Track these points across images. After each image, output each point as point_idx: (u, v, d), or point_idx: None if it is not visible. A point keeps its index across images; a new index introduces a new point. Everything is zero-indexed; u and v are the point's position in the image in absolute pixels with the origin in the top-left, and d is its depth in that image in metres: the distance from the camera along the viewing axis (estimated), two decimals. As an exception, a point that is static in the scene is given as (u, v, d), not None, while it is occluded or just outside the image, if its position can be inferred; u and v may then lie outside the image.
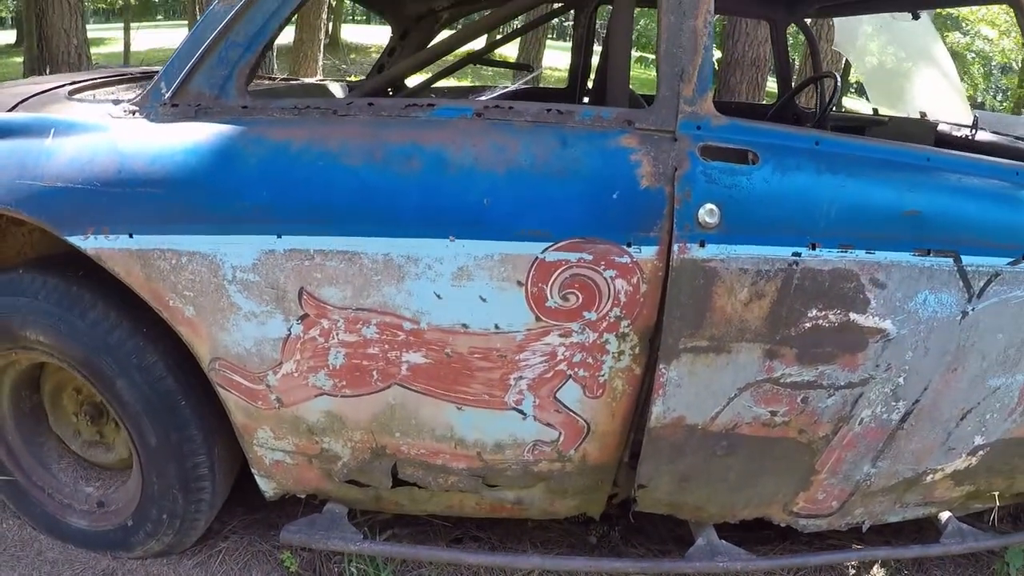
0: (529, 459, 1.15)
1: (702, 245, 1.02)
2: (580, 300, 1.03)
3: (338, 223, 1.01)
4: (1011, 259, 1.14)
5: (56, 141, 1.14)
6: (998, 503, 1.45)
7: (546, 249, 1.00)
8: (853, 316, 1.08)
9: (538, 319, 1.04)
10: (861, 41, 2.34)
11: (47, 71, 6.59)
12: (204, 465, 1.26)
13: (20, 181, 1.12)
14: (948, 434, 1.25)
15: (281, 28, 1.15)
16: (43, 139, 1.15)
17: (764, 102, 2.98)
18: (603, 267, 1.02)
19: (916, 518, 1.41)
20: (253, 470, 1.24)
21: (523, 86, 2.29)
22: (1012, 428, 1.30)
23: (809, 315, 1.07)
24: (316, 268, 1.03)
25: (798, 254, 1.05)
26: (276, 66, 4.57)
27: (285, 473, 1.22)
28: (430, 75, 1.82)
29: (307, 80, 2.22)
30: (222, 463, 1.31)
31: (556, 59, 10.62)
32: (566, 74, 2.39)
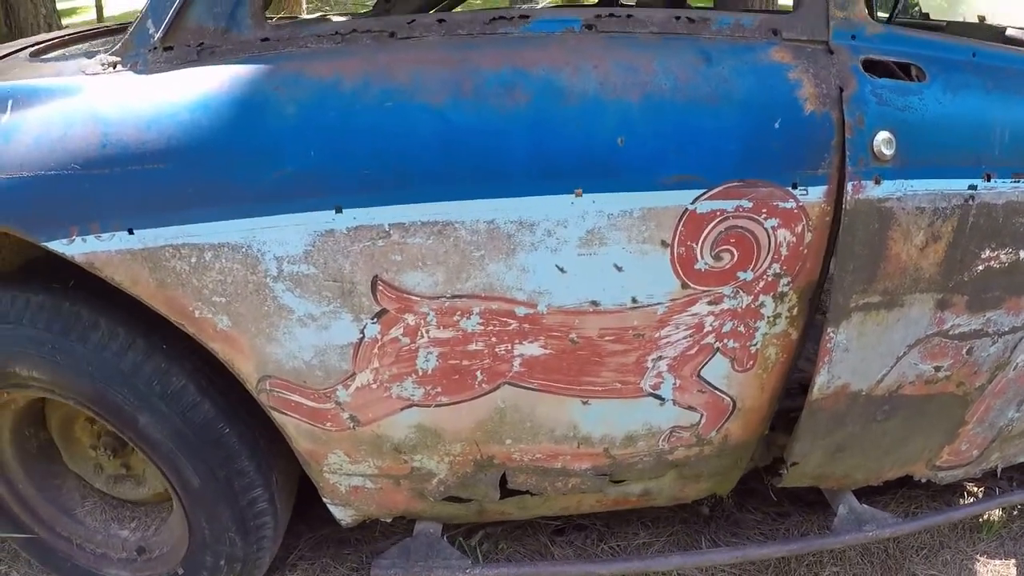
0: (664, 448, 0.90)
1: (877, 182, 0.76)
2: (735, 258, 0.76)
3: (420, 185, 0.70)
4: None
5: (16, 115, 0.77)
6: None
7: (698, 198, 0.72)
8: (1023, 255, 0.84)
9: (684, 286, 0.77)
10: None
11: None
12: (263, 499, 0.96)
13: None
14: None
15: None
16: (29, 112, 0.77)
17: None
18: (764, 215, 0.74)
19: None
20: (325, 499, 0.95)
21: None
22: None
23: (982, 256, 0.83)
24: (394, 248, 0.72)
25: (974, 187, 0.79)
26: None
27: (366, 498, 0.94)
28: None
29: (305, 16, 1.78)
30: (282, 491, 1.01)
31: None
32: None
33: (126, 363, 0.85)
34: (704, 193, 0.72)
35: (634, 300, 0.77)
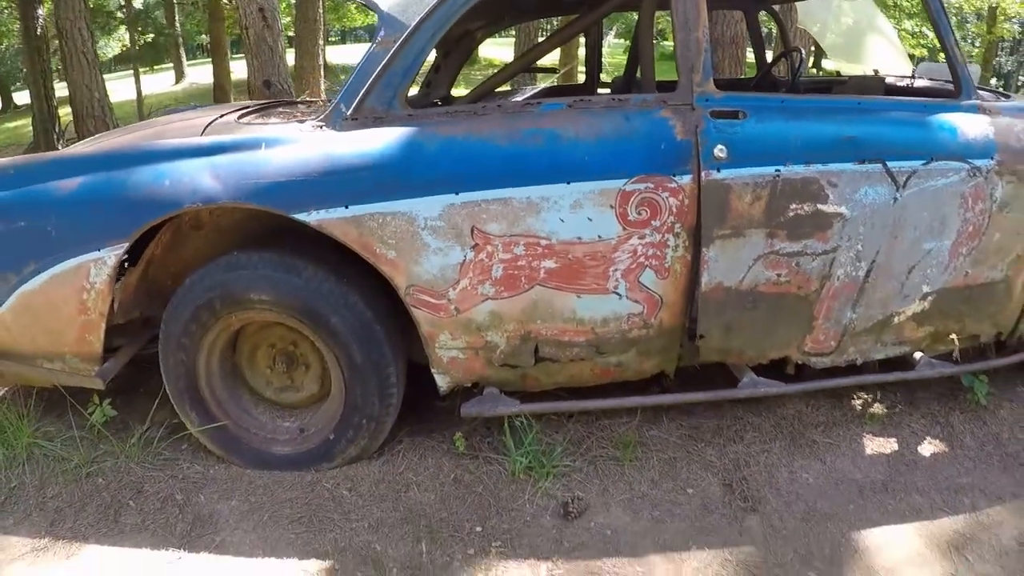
0: (625, 328, 2.20)
1: (718, 171, 2.10)
2: (648, 214, 2.10)
3: (495, 181, 2.03)
4: (923, 161, 2.26)
5: (268, 151, 2.17)
6: (957, 344, 2.58)
7: (625, 183, 2.06)
8: (819, 206, 2.18)
9: (624, 229, 2.10)
10: (831, 15, 3.51)
11: (59, 127, 8.03)
12: (393, 375, 2.27)
13: (244, 182, 2.11)
14: (901, 284, 2.36)
15: (424, 59, 2.23)
16: (255, 151, 2.18)
17: (747, 75, 4.21)
18: (660, 191, 2.09)
19: (895, 356, 2.52)
20: (433, 369, 2.25)
21: (547, 85, 3.46)
22: (949, 279, 2.40)
23: (791, 207, 2.16)
24: (482, 211, 2.06)
25: (779, 171, 2.15)
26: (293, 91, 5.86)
27: (457, 366, 2.25)
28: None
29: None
30: (402, 373, 2.34)
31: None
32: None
33: (325, 288, 2.18)
34: (629, 180, 2.03)
35: (599, 237, 2.07)
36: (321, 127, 2.20)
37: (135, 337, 2.63)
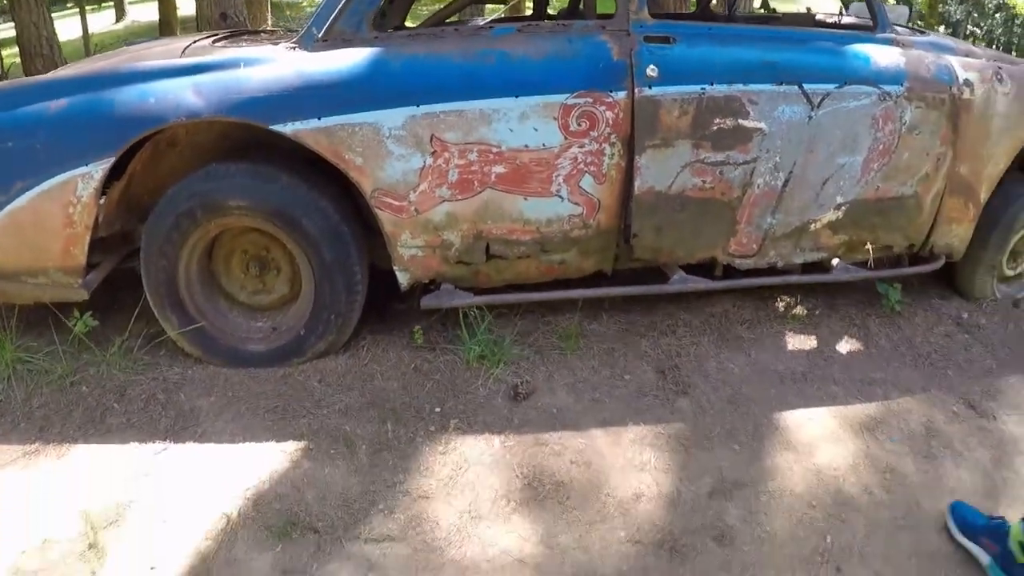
0: (567, 228, 2.68)
1: (650, 88, 2.57)
2: (587, 125, 2.56)
3: (452, 95, 2.49)
4: (837, 85, 2.74)
5: (247, 69, 2.58)
6: (872, 252, 3.08)
7: (567, 98, 2.53)
8: (741, 121, 2.66)
9: (565, 139, 2.57)
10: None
11: (2, 68, 8.37)
12: (358, 273, 2.73)
13: (226, 97, 2.54)
14: (817, 194, 2.86)
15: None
16: (236, 69, 2.59)
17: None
18: (598, 105, 2.55)
19: (814, 261, 3.03)
20: (395, 267, 2.72)
21: (496, 16, 3.88)
22: (861, 192, 2.91)
23: (715, 122, 2.64)
24: (440, 122, 2.51)
25: (704, 89, 2.62)
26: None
27: (417, 264, 2.72)
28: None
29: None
30: (365, 273, 2.79)
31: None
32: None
33: (298, 194, 2.62)
34: (570, 95, 2.51)
35: (544, 145, 2.55)
36: (295, 48, 2.63)
37: (113, 253, 3.00)
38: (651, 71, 2.57)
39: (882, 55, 2.81)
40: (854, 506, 2.38)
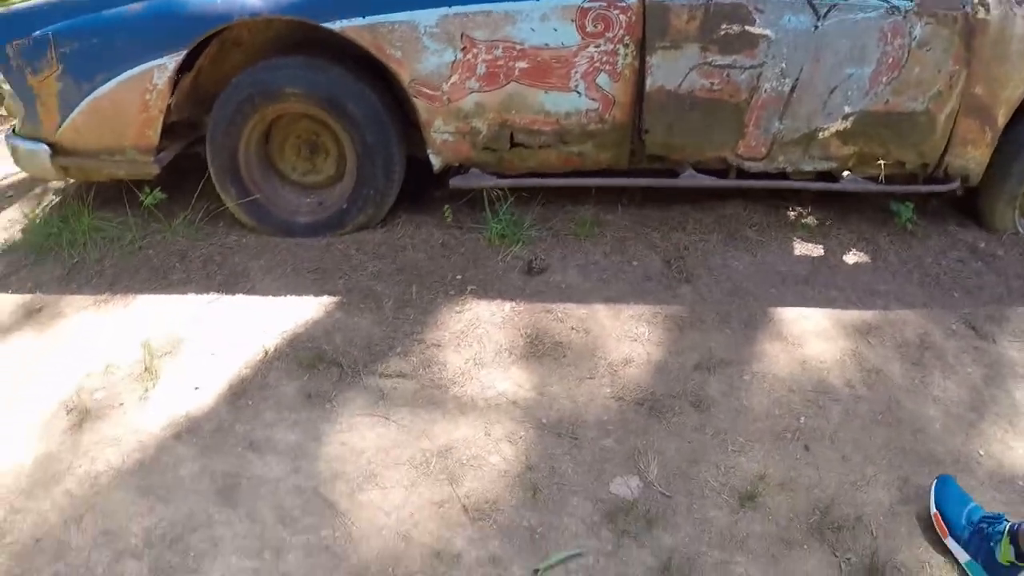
0: (584, 122, 3.33)
1: None
2: (603, 27, 3.18)
3: None
4: (846, -5, 3.23)
5: None
6: (884, 168, 3.56)
7: (584, 1, 3.16)
8: (747, 27, 3.21)
9: (583, 38, 3.20)
10: None
11: None
12: (396, 154, 3.46)
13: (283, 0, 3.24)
14: (824, 103, 3.39)
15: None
16: None
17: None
18: (612, 9, 3.18)
19: (823, 170, 3.55)
20: (429, 151, 3.44)
21: None
22: (870, 103, 3.43)
23: (722, 27, 3.22)
24: (470, 21, 3.21)
25: (715, -5, 3.17)
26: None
27: (448, 148, 3.41)
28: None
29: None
30: (402, 155, 3.47)
31: None
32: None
33: (345, 82, 3.38)
34: None
35: (563, 44, 3.26)
36: (343, -48, 3.28)
37: (180, 139, 3.76)
38: (661, -17, 3.14)
39: (895, -29, 3.29)
40: (833, 396, 2.85)
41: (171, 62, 3.31)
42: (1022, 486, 2.56)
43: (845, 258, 3.66)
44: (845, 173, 3.66)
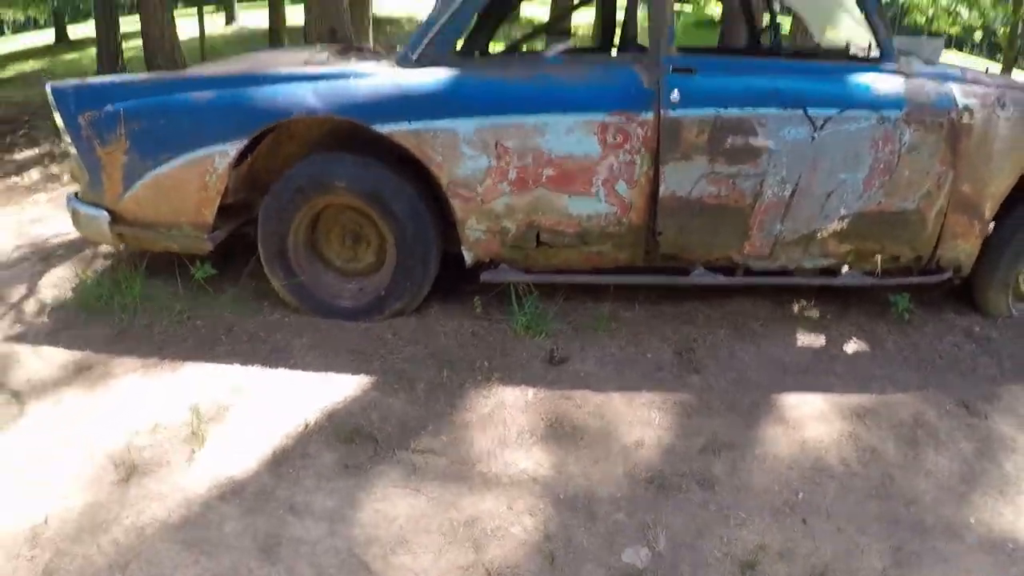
0: (604, 224, 3.67)
1: (673, 110, 3.54)
2: (622, 139, 3.54)
3: (514, 110, 3.59)
4: (838, 110, 3.58)
5: (356, 80, 3.66)
6: (880, 262, 3.84)
7: (605, 116, 3.55)
8: (751, 139, 3.56)
9: (603, 150, 3.57)
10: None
11: (123, 62, 10.47)
12: (433, 248, 3.83)
13: (338, 100, 3.70)
14: (822, 206, 3.71)
15: (471, 21, 3.66)
16: (361, 80, 3.70)
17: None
18: (631, 123, 3.54)
19: (823, 267, 3.84)
20: (463, 247, 3.80)
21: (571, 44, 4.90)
22: (864, 205, 3.76)
23: (728, 140, 3.57)
24: (503, 131, 3.60)
25: (719, 112, 3.54)
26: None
27: (480, 245, 3.75)
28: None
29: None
30: (438, 251, 3.80)
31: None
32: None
33: (388, 181, 3.74)
34: (607, 114, 3.58)
35: (585, 154, 3.62)
36: (393, 65, 3.66)
37: (233, 220, 4.12)
38: (674, 96, 3.54)
39: (883, 83, 3.68)
40: (830, 473, 3.06)
41: (232, 149, 3.69)
42: (1011, 549, 2.75)
43: (845, 347, 3.91)
44: (844, 268, 3.94)
